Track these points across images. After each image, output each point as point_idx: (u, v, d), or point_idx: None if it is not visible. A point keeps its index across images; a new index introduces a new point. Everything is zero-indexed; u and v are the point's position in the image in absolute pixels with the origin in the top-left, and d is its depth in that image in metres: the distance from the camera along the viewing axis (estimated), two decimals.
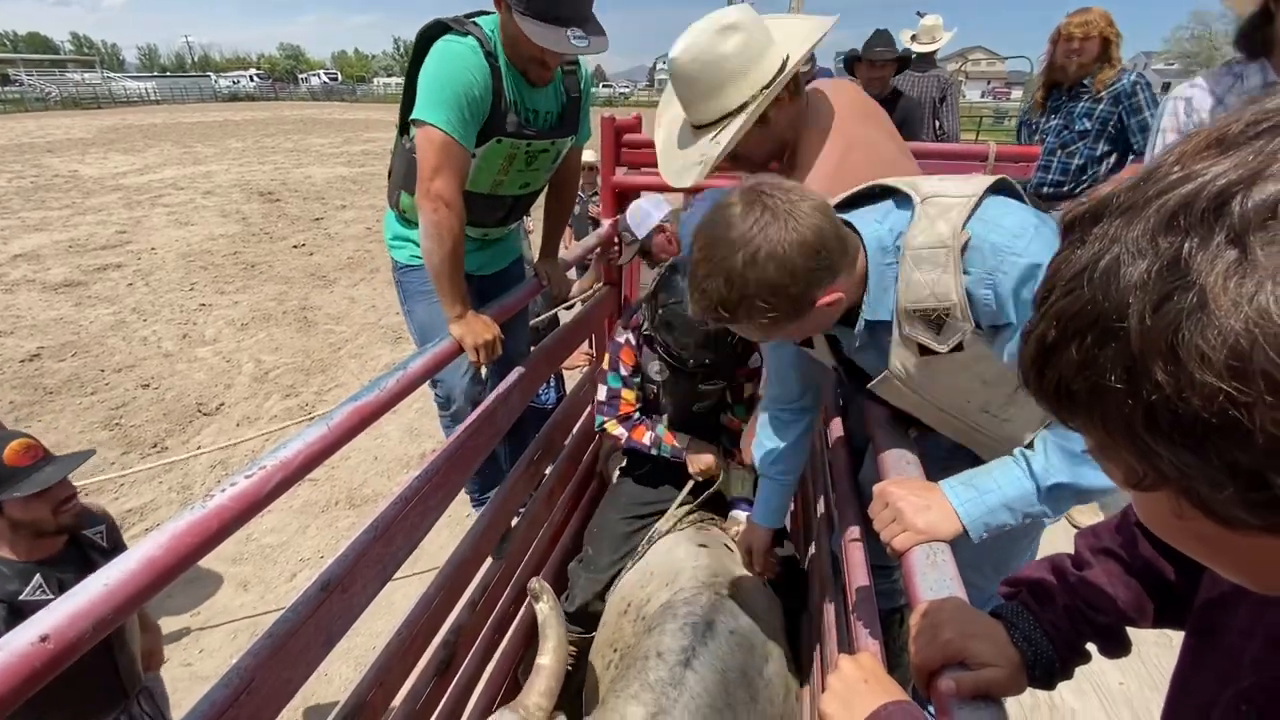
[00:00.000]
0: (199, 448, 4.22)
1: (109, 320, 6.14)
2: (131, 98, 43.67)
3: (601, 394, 1.96)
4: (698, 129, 1.31)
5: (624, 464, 2.16)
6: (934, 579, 0.67)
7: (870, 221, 0.97)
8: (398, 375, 1.13)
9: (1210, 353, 0.27)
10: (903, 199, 0.96)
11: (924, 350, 0.95)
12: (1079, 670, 0.62)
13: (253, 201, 11.00)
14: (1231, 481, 0.29)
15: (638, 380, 1.94)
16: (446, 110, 1.45)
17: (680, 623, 1.34)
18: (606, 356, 1.97)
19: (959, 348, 0.93)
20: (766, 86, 1.19)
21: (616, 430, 1.95)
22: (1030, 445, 0.92)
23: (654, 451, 1.90)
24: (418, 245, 1.69)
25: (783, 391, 1.33)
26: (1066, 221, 0.37)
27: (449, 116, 1.45)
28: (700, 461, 1.84)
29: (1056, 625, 0.59)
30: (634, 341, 1.90)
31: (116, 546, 1.60)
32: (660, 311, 1.67)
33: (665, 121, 1.43)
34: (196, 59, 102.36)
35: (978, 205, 0.89)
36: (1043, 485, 0.84)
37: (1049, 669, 0.58)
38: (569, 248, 6.06)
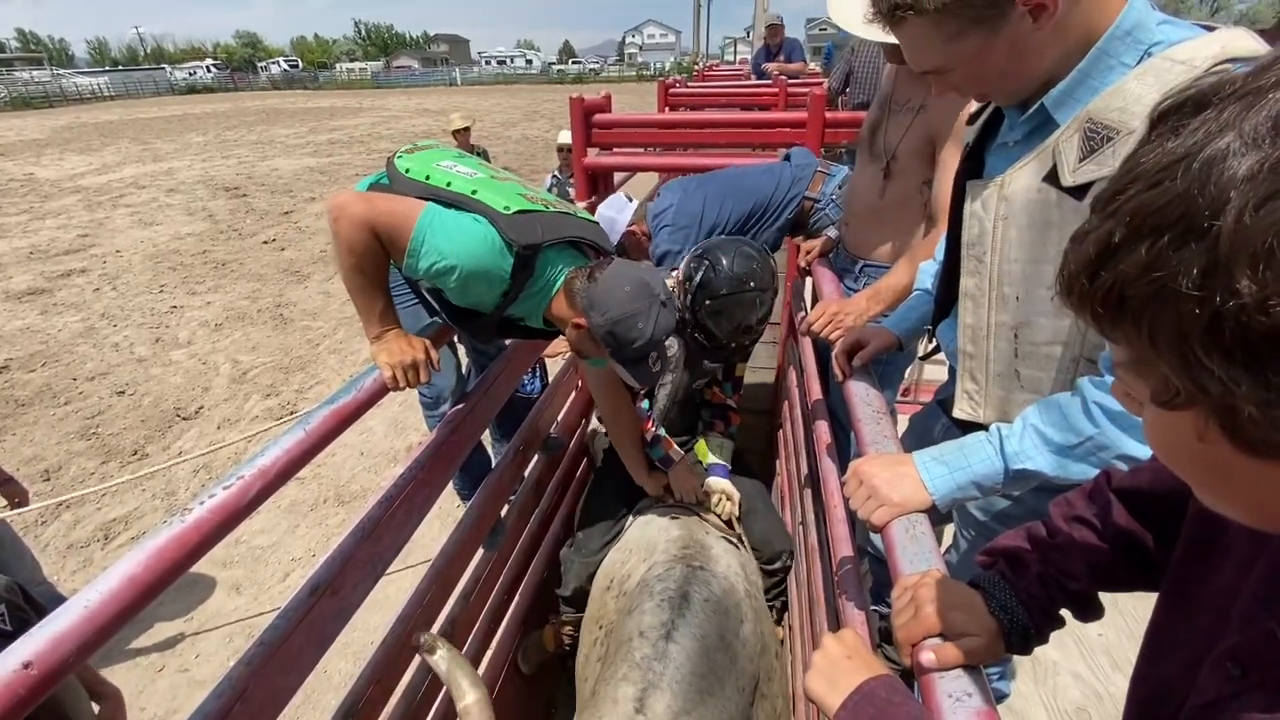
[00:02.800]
0: (180, 453, 4.17)
1: (78, 327, 5.99)
2: (84, 94, 42.09)
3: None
4: None
5: (609, 445, 2.18)
6: (914, 552, 0.68)
7: (1144, 3, 0.78)
8: (375, 374, 1.12)
9: None
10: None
11: (1050, 177, 0.81)
12: None
13: (219, 197, 10.73)
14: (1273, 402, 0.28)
15: None
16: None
17: (657, 600, 1.39)
18: None
19: (1082, 192, 0.79)
20: None
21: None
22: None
23: (647, 450, 1.88)
24: None
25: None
26: (1159, 112, 0.34)
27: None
28: (684, 486, 1.81)
29: (1031, 593, 0.61)
30: None
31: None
32: (709, 303, 1.60)
33: None
34: (149, 51, 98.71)
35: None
36: (1011, 467, 0.82)
37: (1025, 635, 0.60)
38: None
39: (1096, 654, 2.08)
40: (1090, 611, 0.63)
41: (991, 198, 0.89)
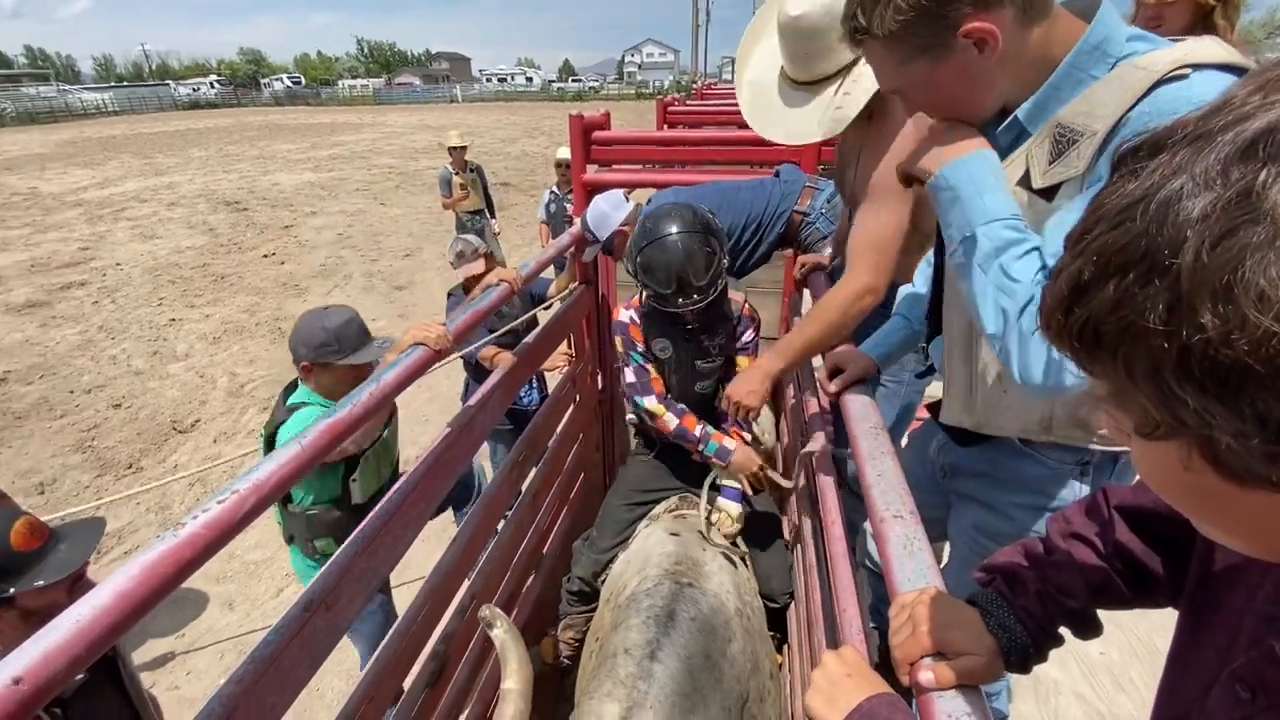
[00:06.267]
0: (176, 466, 4.15)
1: (76, 340, 5.99)
2: (89, 110, 42.46)
3: (629, 376, 1.90)
4: (801, 84, 1.33)
5: (634, 446, 2.18)
6: (911, 569, 0.67)
7: (1114, 20, 0.80)
8: (370, 389, 1.12)
9: (1272, 291, 0.26)
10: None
11: (1024, 181, 0.85)
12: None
13: (219, 211, 10.78)
14: (1260, 432, 0.29)
15: (653, 359, 1.91)
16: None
17: (643, 617, 1.38)
18: (618, 340, 1.93)
19: (1051, 193, 0.82)
20: None
21: (665, 415, 1.84)
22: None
23: (701, 448, 1.82)
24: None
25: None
26: (1119, 155, 0.36)
27: None
28: (749, 466, 1.79)
29: (1029, 611, 0.60)
30: (636, 319, 1.88)
31: None
32: (639, 258, 1.66)
33: (746, 82, 1.47)
34: (154, 67, 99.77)
35: (1231, 69, 0.72)
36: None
37: (1024, 654, 0.60)
38: (545, 247, 6.02)
39: (1099, 673, 2.06)
40: (1089, 629, 0.62)
41: None
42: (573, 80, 73.55)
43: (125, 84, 69.88)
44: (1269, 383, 0.27)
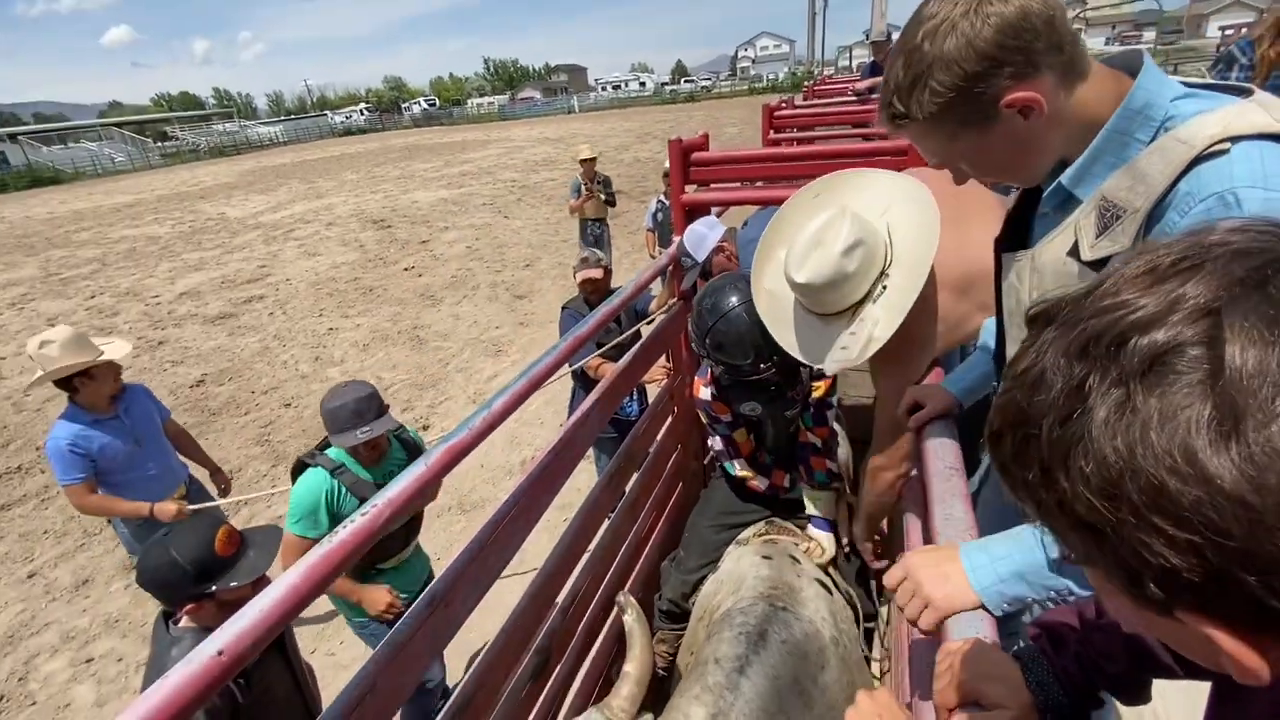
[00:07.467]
0: None
1: (256, 347, 6.98)
2: (264, 141, 48.85)
3: (716, 444, 1.97)
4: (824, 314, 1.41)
5: (717, 473, 2.24)
6: (965, 617, 0.69)
7: (1162, 80, 0.77)
8: (483, 414, 1.28)
9: (1090, 475, 0.32)
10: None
11: (1074, 252, 0.82)
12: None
13: (368, 229, 12.03)
14: (1119, 573, 0.33)
15: (742, 421, 1.94)
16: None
17: (735, 631, 1.42)
18: (702, 414, 1.99)
19: (1100, 266, 0.79)
20: (884, 269, 1.31)
21: (755, 479, 1.94)
22: None
23: (795, 496, 1.93)
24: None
25: None
26: (1030, 316, 0.40)
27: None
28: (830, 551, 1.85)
29: (1069, 671, 0.60)
30: (716, 394, 1.90)
31: None
32: (708, 339, 1.67)
33: (765, 290, 1.52)
34: (315, 100, 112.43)
35: (1274, 138, 0.68)
36: (1051, 555, 0.75)
37: (1060, 713, 0.60)
38: (652, 254, 6.16)
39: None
40: (1134, 695, 0.61)
41: (1025, 269, 0.92)
42: (685, 81, 73.75)
43: (291, 117, 79.40)
44: (1105, 540, 0.32)
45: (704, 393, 1.91)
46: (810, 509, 1.85)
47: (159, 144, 46.55)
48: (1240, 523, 0.28)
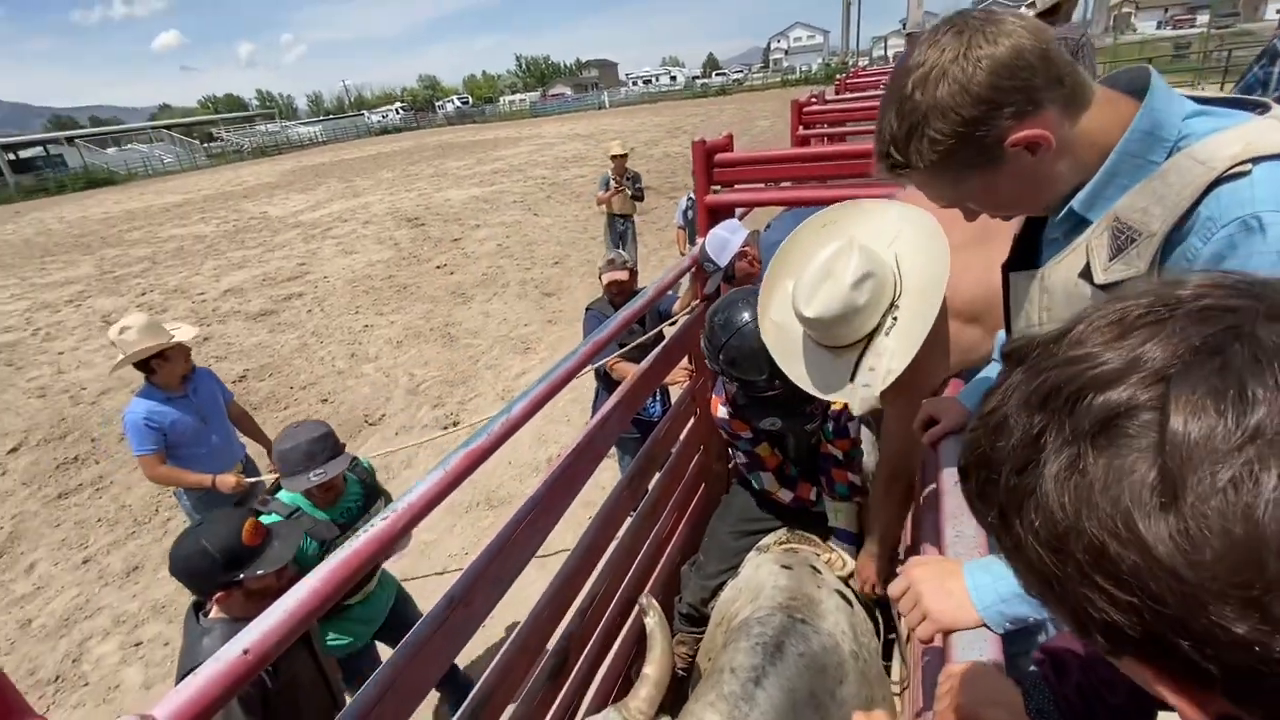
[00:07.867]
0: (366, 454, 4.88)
1: (295, 344, 7.20)
2: (304, 141, 50.23)
3: (740, 459, 1.97)
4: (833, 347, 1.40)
5: (737, 478, 2.24)
6: (970, 637, 0.69)
7: (1172, 98, 0.75)
8: (501, 420, 1.31)
9: (1039, 528, 0.32)
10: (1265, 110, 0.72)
11: (1085, 273, 0.80)
12: None
13: (402, 228, 12.27)
14: (1069, 618, 0.34)
15: (764, 436, 1.92)
16: None
17: (752, 642, 1.42)
18: (722, 432, 1.98)
19: (1113, 289, 0.76)
20: (894, 300, 1.31)
21: (780, 492, 1.92)
22: None
23: (820, 510, 1.91)
24: None
25: None
26: (1005, 352, 0.41)
27: None
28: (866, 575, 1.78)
29: (1070, 700, 0.60)
30: (734, 412, 1.88)
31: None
32: (722, 355, 1.65)
33: (772, 321, 1.49)
34: (352, 100, 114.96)
35: None
36: None
37: None
38: (681, 252, 6.17)
39: None
40: None
41: (1034, 290, 0.90)
42: (716, 74, 73.10)
43: (330, 117, 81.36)
44: (1052, 588, 0.32)
45: (722, 411, 1.90)
46: (833, 521, 1.84)
47: (205, 145, 48.24)
48: (1174, 594, 0.28)
